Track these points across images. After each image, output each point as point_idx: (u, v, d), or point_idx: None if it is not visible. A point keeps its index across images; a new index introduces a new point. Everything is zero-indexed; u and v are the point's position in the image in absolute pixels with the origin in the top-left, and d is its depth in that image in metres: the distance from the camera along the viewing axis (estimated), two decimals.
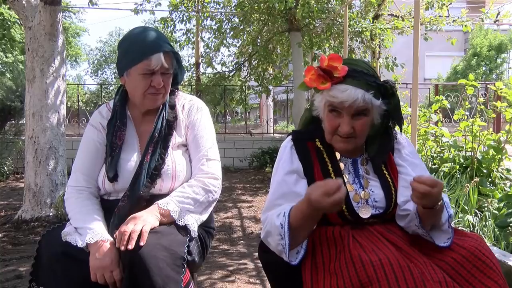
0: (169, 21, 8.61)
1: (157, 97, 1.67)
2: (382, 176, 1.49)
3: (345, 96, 1.35)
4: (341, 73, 1.37)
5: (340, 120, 1.40)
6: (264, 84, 8.94)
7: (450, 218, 1.40)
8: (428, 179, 1.28)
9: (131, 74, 1.64)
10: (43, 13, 4.25)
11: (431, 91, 10.75)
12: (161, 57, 1.61)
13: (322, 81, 1.39)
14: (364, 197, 1.45)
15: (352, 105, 1.36)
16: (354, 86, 1.36)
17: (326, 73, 1.38)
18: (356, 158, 1.51)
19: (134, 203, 1.58)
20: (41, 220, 4.26)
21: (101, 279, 1.44)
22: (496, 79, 18.12)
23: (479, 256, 1.32)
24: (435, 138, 4.81)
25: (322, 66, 1.38)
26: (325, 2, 7.42)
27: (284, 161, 1.49)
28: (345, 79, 1.37)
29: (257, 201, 5.55)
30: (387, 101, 1.43)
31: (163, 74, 1.64)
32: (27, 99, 4.46)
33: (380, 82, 1.42)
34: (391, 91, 1.43)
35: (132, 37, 1.66)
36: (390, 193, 1.46)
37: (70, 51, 23.80)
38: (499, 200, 3.28)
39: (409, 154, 1.55)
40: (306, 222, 1.33)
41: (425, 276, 1.21)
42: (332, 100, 1.39)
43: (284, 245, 1.33)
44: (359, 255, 1.27)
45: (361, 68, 1.41)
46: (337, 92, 1.37)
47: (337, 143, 1.45)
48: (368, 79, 1.39)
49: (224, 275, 2.99)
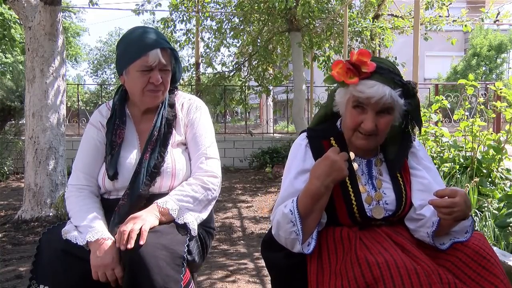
0: (169, 21, 8.63)
1: (156, 94, 1.67)
2: (395, 178, 1.48)
3: (373, 92, 1.34)
4: (369, 68, 1.36)
5: (364, 116, 1.39)
6: (264, 84, 8.95)
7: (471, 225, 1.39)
8: (446, 190, 1.29)
9: (130, 72, 1.64)
10: (43, 13, 4.25)
11: (431, 91, 10.76)
12: (159, 53, 1.61)
13: (350, 75, 1.38)
14: (376, 199, 1.45)
15: (379, 101, 1.35)
16: (381, 82, 1.35)
17: (354, 67, 1.37)
18: (371, 159, 1.51)
19: (134, 202, 1.58)
20: (41, 220, 4.26)
21: (102, 277, 1.45)
22: (496, 79, 18.14)
23: (484, 254, 1.32)
24: (435, 138, 4.80)
25: (352, 60, 1.38)
26: (325, 2, 7.42)
27: (298, 160, 1.48)
28: (372, 75, 1.37)
29: (257, 201, 5.55)
30: (408, 102, 1.42)
31: (162, 71, 1.65)
32: (27, 99, 4.46)
33: (405, 82, 1.42)
34: (413, 92, 1.43)
35: (130, 36, 1.67)
36: (401, 196, 1.45)
37: (70, 51, 23.80)
38: (499, 200, 3.28)
39: (424, 157, 1.55)
40: (316, 203, 1.34)
41: (431, 279, 1.20)
42: (359, 95, 1.37)
43: (297, 231, 1.33)
44: (365, 256, 1.27)
45: (387, 66, 1.41)
46: (364, 87, 1.36)
47: (358, 140, 1.43)
48: (395, 77, 1.38)
49: (224, 275, 2.99)
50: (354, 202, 1.41)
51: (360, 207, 1.42)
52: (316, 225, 1.38)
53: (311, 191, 1.32)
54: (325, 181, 1.31)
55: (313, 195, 1.32)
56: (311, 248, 1.35)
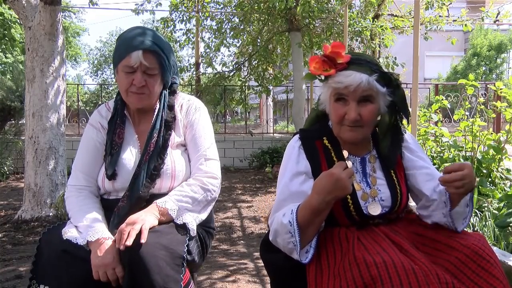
0: (169, 21, 8.63)
1: (140, 97, 1.65)
2: (389, 175, 1.49)
3: (350, 80, 1.37)
4: (344, 59, 1.40)
5: (347, 108, 1.41)
6: (264, 84, 8.94)
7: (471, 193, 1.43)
8: (454, 165, 1.32)
9: (118, 71, 1.65)
10: (43, 13, 4.24)
11: (431, 91, 10.76)
12: (140, 55, 1.59)
13: (327, 68, 1.42)
14: (372, 195, 1.45)
15: (357, 89, 1.38)
16: (358, 71, 1.39)
17: (330, 60, 1.41)
18: (364, 156, 1.51)
19: (134, 203, 1.58)
20: (41, 220, 4.26)
21: (103, 277, 1.45)
22: (496, 79, 18.12)
23: (483, 255, 1.32)
24: (435, 138, 4.81)
25: (326, 53, 1.41)
26: (325, 2, 7.42)
27: (292, 162, 1.48)
28: (349, 66, 1.40)
29: (257, 201, 5.55)
30: (392, 91, 1.44)
31: (146, 74, 1.63)
32: (27, 99, 4.46)
33: (383, 70, 1.44)
34: (396, 83, 1.45)
35: (123, 36, 1.67)
36: (396, 192, 1.47)
37: (70, 51, 23.81)
38: (499, 200, 3.28)
39: (417, 149, 1.58)
40: (315, 218, 1.33)
41: (429, 279, 1.20)
42: (338, 86, 1.40)
43: (295, 242, 1.33)
44: (363, 256, 1.27)
45: (364, 57, 1.45)
46: (342, 77, 1.39)
47: (345, 132, 1.45)
48: (371, 66, 1.42)
49: (224, 275, 2.99)
50: (350, 201, 1.41)
51: (356, 204, 1.42)
52: (315, 234, 1.38)
53: (312, 205, 1.32)
54: (326, 197, 1.30)
55: (314, 210, 1.32)
56: (309, 256, 1.35)
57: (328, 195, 1.30)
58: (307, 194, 1.39)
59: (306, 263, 1.35)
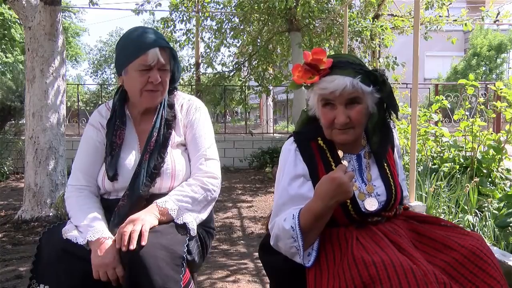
0: (169, 21, 8.63)
1: (155, 94, 1.67)
2: (382, 168, 1.50)
3: (334, 86, 1.37)
4: (326, 64, 1.39)
5: (335, 112, 1.41)
6: (264, 84, 8.94)
7: None
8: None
9: (129, 72, 1.64)
10: (43, 13, 4.25)
11: (431, 91, 10.75)
12: (157, 52, 1.61)
13: (310, 76, 1.41)
14: (368, 191, 1.46)
15: (343, 93, 1.38)
16: (341, 75, 1.38)
17: (312, 68, 1.40)
18: (360, 153, 1.52)
19: (134, 203, 1.58)
20: (41, 220, 4.26)
21: (103, 277, 1.45)
22: (496, 79, 18.11)
23: (481, 255, 1.32)
24: (435, 138, 4.81)
25: (307, 61, 1.40)
26: (325, 2, 7.42)
27: (289, 165, 1.48)
28: (332, 70, 1.40)
29: (257, 201, 5.55)
30: (379, 88, 1.44)
31: (160, 71, 1.64)
32: (27, 99, 4.45)
33: (367, 69, 1.44)
34: (382, 79, 1.44)
35: (129, 36, 1.67)
36: (390, 185, 1.47)
37: (70, 51, 23.81)
38: (499, 200, 3.28)
39: (398, 152, 1.61)
40: (317, 222, 1.34)
41: (428, 278, 1.20)
42: (323, 93, 1.40)
43: (298, 247, 1.34)
44: (361, 256, 1.27)
45: (346, 59, 1.44)
46: (326, 83, 1.39)
47: (337, 136, 1.45)
48: (355, 67, 1.41)
49: (224, 275, 2.99)
50: (348, 201, 1.41)
51: (354, 203, 1.43)
52: (317, 238, 1.38)
53: (315, 211, 1.32)
54: (329, 202, 1.30)
55: (316, 215, 1.32)
56: (311, 259, 1.36)
57: (331, 200, 1.30)
58: (306, 197, 1.39)
59: (309, 266, 1.36)
